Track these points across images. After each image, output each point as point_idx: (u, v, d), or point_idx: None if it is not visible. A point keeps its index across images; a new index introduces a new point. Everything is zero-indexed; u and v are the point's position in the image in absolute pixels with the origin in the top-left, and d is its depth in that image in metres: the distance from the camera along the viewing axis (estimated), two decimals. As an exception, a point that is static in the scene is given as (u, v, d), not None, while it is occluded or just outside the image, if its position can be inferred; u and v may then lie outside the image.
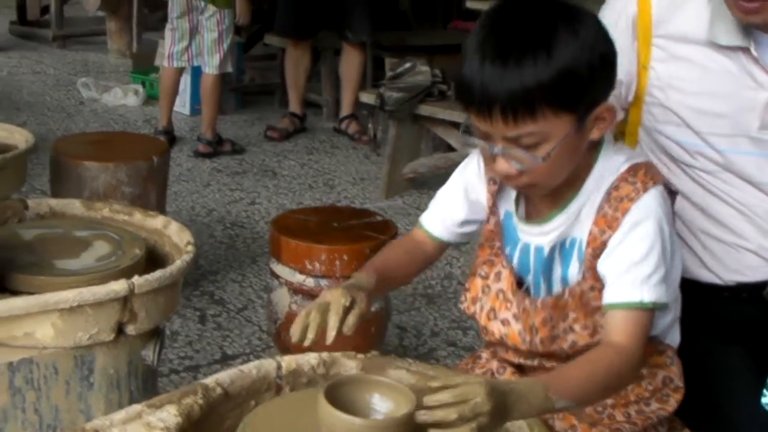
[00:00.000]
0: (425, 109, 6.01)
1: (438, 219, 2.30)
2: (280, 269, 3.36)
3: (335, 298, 2.04)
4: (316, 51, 7.74)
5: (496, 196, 2.20)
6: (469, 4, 7.37)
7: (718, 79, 2.29)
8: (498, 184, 2.18)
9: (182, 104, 7.73)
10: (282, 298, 3.40)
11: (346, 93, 7.56)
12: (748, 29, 2.24)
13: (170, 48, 6.82)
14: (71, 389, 2.64)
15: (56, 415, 2.63)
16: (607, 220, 2.01)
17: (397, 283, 2.37)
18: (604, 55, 1.95)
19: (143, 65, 8.59)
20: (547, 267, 2.12)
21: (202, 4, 6.63)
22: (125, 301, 2.58)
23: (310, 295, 3.29)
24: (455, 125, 6.04)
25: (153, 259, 2.89)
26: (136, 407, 1.96)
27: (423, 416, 1.72)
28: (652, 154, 2.42)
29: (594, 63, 1.91)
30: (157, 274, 2.65)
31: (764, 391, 2.19)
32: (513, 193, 2.17)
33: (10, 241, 2.77)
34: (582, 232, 2.06)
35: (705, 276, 2.41)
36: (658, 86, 2.34)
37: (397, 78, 5.97)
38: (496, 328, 2.18)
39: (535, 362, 2.17)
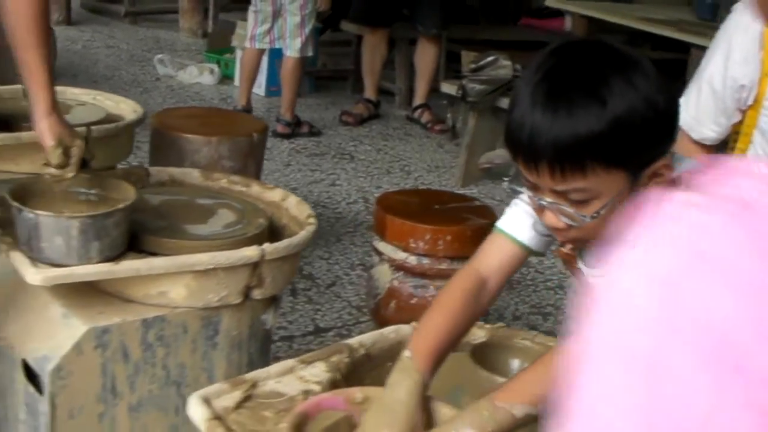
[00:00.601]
0: (506, 103, 6.11)
1: (525, 224, 2.07)
2: (383, 246, 3.50)
3: None
4: (391, 40, 7.87)
5: None
6: (548, 3, 7.51)
7: None
8: None
9: (258, 85, 7.85)
10: (383, 274, 3.53)
11: (421, 83, 7.69)
12: None
13: (253, 29, 6.96)
14: (197, 348, 2.77)
15: (181, 372, 2.76)
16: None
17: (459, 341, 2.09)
18: (663, 107, 1.77)
19: (218, 45, 8.74)
20: None
21: None
22: (255, 266, 2.72)
23: (412, 272, 3.42)
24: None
25: (270, 230, 3.00)
26: (288, 362, 2.11)
27: None
28: (764, 154, 2.53)
29: (650, 116, 1.75)
30: (285, 242, 2.78)
31: None
32: None
33: (140, 205, 2.89)
34: None
35: None
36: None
37: (479, 70, 6.11)
38: None
39: None
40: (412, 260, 3.44)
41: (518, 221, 2.07)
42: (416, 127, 7.62)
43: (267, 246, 2.72)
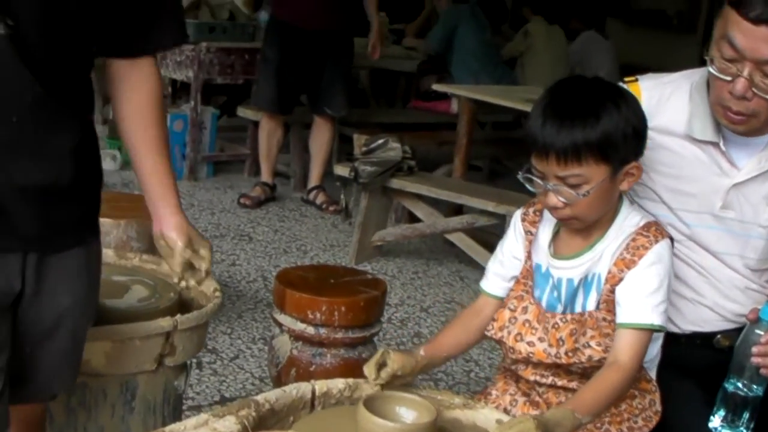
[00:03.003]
0: (395, 183, 6.44)
1: (496, 282, 2.80)
2: (282, 318, 3.72)
3: (378, 356, 2.62)
4: (286, 124, 8.10)
5: (531, 246, 2.72)
6: (435, 87, 7.89)
7: (690, 165, 2.77)
8: (534, 235, 2.71)
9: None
10: (284, 344, 3.76)
11: (315, 165, 7.95)
12: (718, 128, 2.71)
13: None
14: (116, 412, 3.00)
15: (101, 435, 3.01)
16: (626, 263, 2.54)
17: (453, 352, 2.89)
18: (637, 128, 2.54)
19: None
20: (572, 297, 2.63)
21: None
22: (168, 336, 2.98)
23: (310, 341, 3.67)
24: (421, 198, 6.53)
25: (180, 304, 3.24)
26: (203, 416, 2.36)
27: None
28: None
29: (628, 132, 2.51)
30: (195, 314, 3.04)
31: (711, 417, 2.66)
32: (546, 243, 2.70)
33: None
34: (602, 269, 2.58)
35: (668, 327, 2.89)
36: (643, 169, 2.82)
37: (370, 153, 6.37)
38: (523, 348, 2.66)
39: (549, 380, 2.65)
40: (311, 330, 3.64)
41: (493, 280, 2.82)
42: (311, 209, 7.89)
43: (179, 317, 2.98)
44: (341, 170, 6.61)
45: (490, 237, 6.34)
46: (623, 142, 2.50)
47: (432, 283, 6.47)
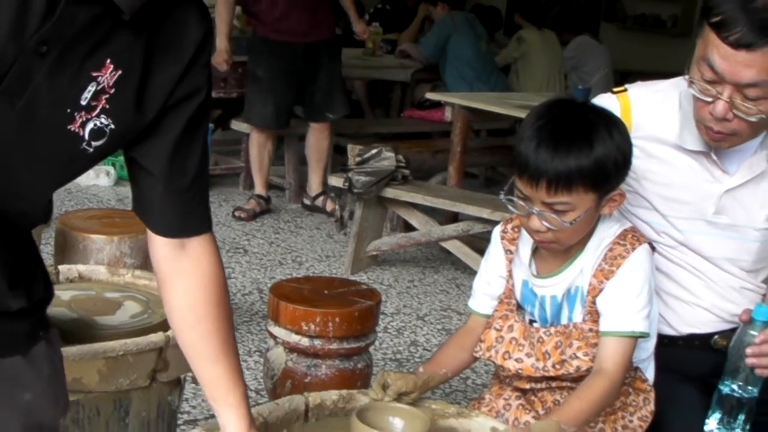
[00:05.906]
0: (390, 192, 6.43)
1: (484, 301, 2.83)
2: (277, 330, 3.71)
3: (378, 377, 2.61)
4: (279, 136, 8.11)
5: (512, 264, 2.73)
6: (428, 95, 7.89)
7: (683, 174, 2.76)
8: (513, 254, 2.72)
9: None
10: (278, 357, 3.75)
11: (316, 172, 7.94)
12: None
13: None
14: (110, 429, 2.95)
15: (96, 452, 2.99)
16: (604, 273, 2.55)
17: (451, 369, 2.82)
18: (626, 155, 2.53)
19: (112, 148, 8.90)
20: (558, 312, 2.64)
21: None
22: (160, 351, 2.96)
23: (305, 353, 3.66)
24: (416, 206, 6.52)
25: None
26: (197, 431, 2.37)
27: None
28: None
29: (619, 160, 2.50)
30: (188, 328, 3.05)
31: (706, 421, 2.65)
32: (526, 260, 2.69)
33: (53, 301, 3.12)
34: (583, 282, 2.58)
35: (665, 330, 2.86)
36: (634, 178, 2.77)
37: (364, 163, 6.35)
38: (512, 365, 2.66)
39: (543, 384, 2.65)
40: (305, 342, 3.63)
41: (480, 299, 2.85)
42: (307, 220, 7.87)
43: (171, 332, 2.96)
44: (336, 181, 6.63)
45: (485, 244, 6.29)
46: (614, 170, 2.51)
47: (428, 291, 6.46)
